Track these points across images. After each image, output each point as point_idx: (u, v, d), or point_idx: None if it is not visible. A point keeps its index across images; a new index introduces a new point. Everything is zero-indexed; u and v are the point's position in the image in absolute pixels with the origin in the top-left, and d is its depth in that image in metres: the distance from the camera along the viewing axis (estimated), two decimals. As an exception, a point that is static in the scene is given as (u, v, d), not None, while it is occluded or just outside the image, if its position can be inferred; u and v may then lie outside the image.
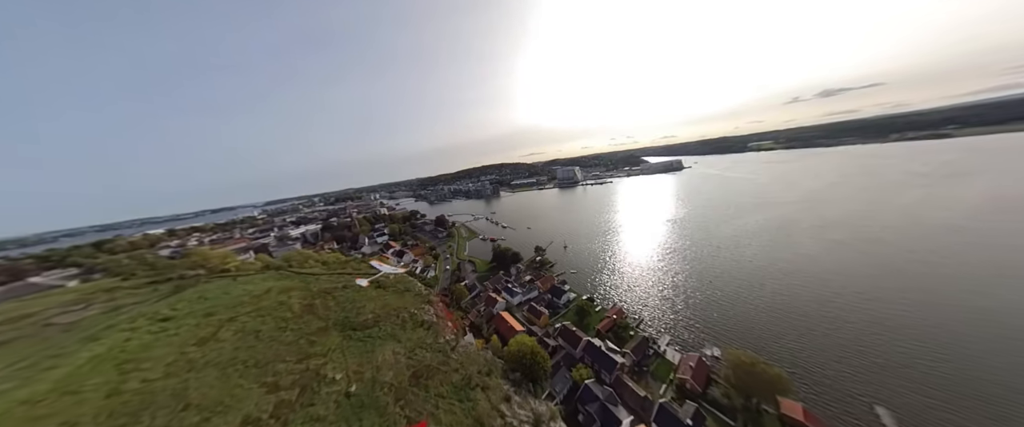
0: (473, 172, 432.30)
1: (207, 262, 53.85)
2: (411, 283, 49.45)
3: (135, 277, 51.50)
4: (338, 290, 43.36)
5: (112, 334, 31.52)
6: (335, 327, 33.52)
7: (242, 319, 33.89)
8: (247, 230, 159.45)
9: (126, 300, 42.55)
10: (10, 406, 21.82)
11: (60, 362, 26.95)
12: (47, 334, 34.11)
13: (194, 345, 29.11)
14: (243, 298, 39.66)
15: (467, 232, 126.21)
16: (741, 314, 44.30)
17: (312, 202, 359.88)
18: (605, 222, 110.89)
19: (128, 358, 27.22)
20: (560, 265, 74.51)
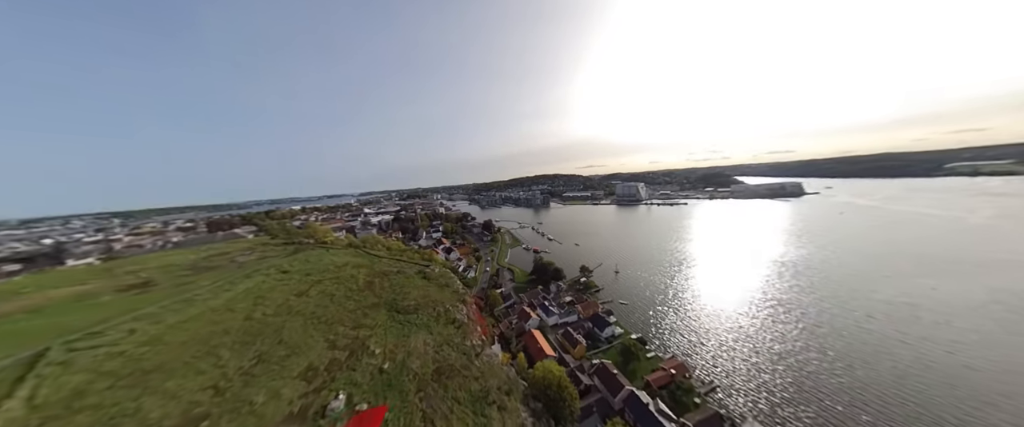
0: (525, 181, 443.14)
1: (315, 234, 71.06)
2: (452, 280, 52.47)
3: (277, 238, 72.25)
4: (393, 274, 49.70)
5: (257, 275, 44.58)
6: (384, 306, 38.08)
7: (325, 283, 42.52)
8: (345, 214, 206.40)
9: (269, 253, 60.16)
10: (202, 312, 33.04)
11: (232, 287, 39.54)
12: (232, 267, 51.24)
13: (294, 295, 37.99)
14: (330, 266, 50.07)
15: (511, 239, 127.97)
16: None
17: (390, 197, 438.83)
18: (672, 251, 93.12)
19: (259, 295, 37.68)
20: (608, 292, 65.81)
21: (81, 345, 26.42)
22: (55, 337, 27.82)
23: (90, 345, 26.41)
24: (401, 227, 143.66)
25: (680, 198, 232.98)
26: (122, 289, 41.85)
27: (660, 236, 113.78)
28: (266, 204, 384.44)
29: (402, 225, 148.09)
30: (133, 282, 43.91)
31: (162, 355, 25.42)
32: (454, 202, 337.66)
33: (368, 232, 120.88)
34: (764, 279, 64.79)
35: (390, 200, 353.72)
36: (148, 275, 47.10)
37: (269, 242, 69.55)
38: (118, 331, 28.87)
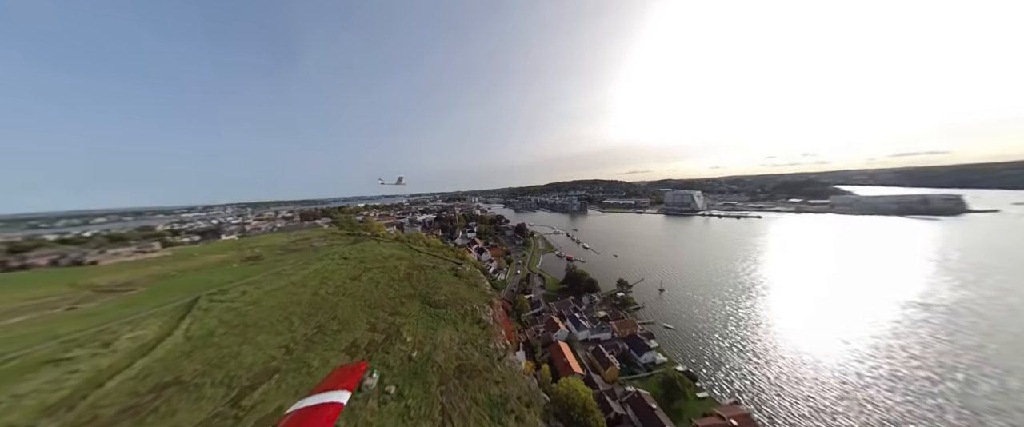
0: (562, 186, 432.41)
1: (371, 228, 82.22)
2: (481, 280, 53.90)
3: (343, 229, 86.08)
4: (429, 268, 53.70)
5: (325, 259, 53.83)
6: (418, 297, 41.27)
7: (374, 271, 48.51)
8: (396, 212, 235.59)
9: (337, 242, 72.13)
10: (285, 284, 41.35)
11: (305, 267, 48.66)
12: (310, 251, 63.24)
13: (349, 279, 44.41)
14: (379, 257, 57.07)
15: (544, 245, 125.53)
16: None
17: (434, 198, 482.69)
18: (736, 272, 77.12)
19: (325, 276, 45.29)
20: (649, 312, 58.37)
21: (216, 298, 35.84)
22: (204, 289, 38.43)
23: (221, 299, 35.60)
24: (441, 226, 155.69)
25: (750, 210, 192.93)
26: (244, 260, 55.73)
27: (720, 254, 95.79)
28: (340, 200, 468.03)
29: (442, 224, 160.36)
30: (250, 255, 58.13)
31: (257, 314, 32.54)
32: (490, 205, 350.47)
33: (413, 229, 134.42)
34: (889, 327, 46.57)
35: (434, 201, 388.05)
36: (259, 251, 61.82)
37: (337, 232, 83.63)
38: (236, 291, 38.24)
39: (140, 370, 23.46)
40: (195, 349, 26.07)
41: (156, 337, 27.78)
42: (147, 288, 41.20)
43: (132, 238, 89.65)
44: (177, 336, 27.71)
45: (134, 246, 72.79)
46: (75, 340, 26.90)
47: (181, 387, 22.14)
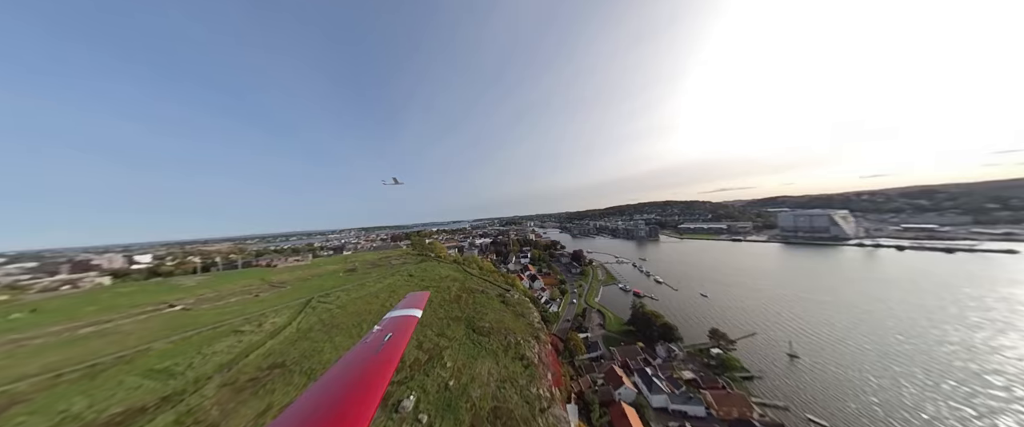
0: (625, 209, 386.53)
1: (436, 250, 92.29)
2: (529, 310, 49.87)
3: (415, 250, 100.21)
4: (478, 292, 54.03)
5: (397, 275, 62.55)
6: (464, 321, 40.99)
7: (430, 289, 52.38)
8: (459, 236, 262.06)
9: (409, 261, 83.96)
10: (365, 294, 49.43)
11: (381, 281, 57.54)
12: (388, 267, 75.64)
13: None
14: (437, 276, 62.03)
15: (605, 275, 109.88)
16: None
17: (493, 223, 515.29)
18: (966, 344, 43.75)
19: (394, 289, 51.88)
20: (771, 386, 38.81)
21: (322, 300, 45.93)
22: (317, 292, 50.25)
23: (324, 301, 45.34)
24: (496, 250, 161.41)
25: (979, 238, 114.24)
26: (346, 271, 71.47)
27: (921, 311, 57.27)
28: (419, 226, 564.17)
29: (497, 248, 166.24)
30: (350, 267, 74.28)
31: (342, 317, 39.15)
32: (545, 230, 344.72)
33: (471, 252, 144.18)
34: None
35: (493, 226, 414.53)
36: (356, 264, 78.49)
37: (411, 253, 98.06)
38: (334, 296, 48.12)
39: (267, 349, 30.91)
40: (299, 340, 32.84)
41: (282, 325, 36.87)
42: (292, 287, 57.36)
43: (298, 251, 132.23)
44: (292, 327, 35.94)
45: (297, 257, 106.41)
46: (248, 319, 38.79)
47: (283, 369, 27.58)
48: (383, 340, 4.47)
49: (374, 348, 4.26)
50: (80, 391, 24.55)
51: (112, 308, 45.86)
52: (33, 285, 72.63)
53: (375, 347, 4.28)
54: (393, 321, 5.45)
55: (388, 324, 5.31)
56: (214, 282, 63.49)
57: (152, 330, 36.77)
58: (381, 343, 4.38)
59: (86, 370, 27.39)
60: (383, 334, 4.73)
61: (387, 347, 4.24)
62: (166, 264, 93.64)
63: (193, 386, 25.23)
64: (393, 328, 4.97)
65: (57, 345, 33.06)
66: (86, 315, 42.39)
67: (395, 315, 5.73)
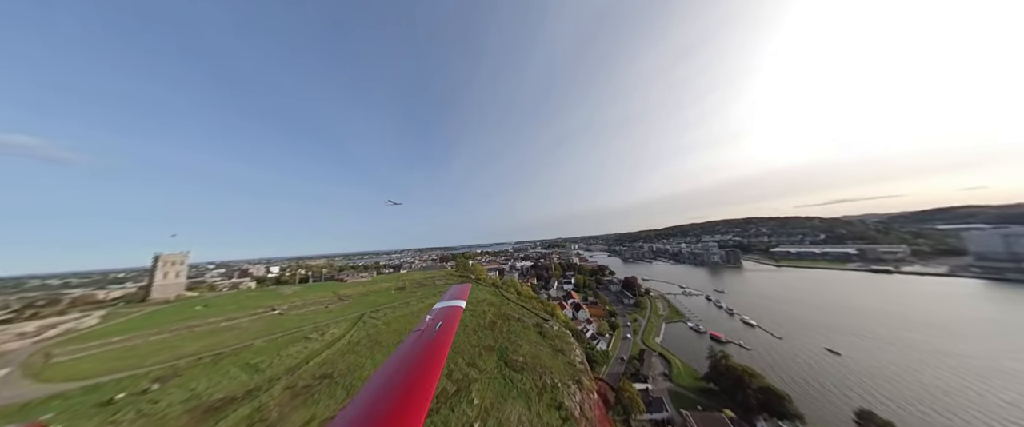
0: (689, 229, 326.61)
1: (475, 272, 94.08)
2: (571, 346, 43.53)
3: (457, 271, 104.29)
4: (514, 319, 50.74)
5: (436, 296, 64.76)
6: (497, 351, 38.07)
7: (466, 313, 51.91)
8: (501, 258, 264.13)
9: (450, 280, 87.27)
10: (407, 313, 52.24)
11: (423, 301, 60.44)
12: (432, 287, 79.98)
13: (446, 316, 49.72)
14: (474, 299, 61.66)
15: (667, 309, 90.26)
16: None
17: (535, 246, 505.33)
18: None
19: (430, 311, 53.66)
20: None
21: (372, 316, 50.54)
22: (370, 308, 55.88)
23: (373, 317, 49.73)
24: (536, 274, 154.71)
25: None
26: (396, 288, 78.66)
27: None
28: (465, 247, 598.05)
29: (537, 272, 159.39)
30: (399, 285, 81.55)
31: (385, 334, 41.61)
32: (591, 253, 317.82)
33: (512, 276, 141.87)
34: None
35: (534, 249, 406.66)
36: (405, 283, 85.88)
37: (453, 274, 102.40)
38: (383, 312, 52.44)
39: (322, 359, 34.56)
40: (347, 353, 35.83)
41: (338, 337, 41.36)
42: (353, 301, 65.81)
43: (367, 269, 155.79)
44: (345, 340, 39.84)
45: (365, 274, 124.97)
46: (316, 327, 45.28)
47: (330, 381, 29.89)
48: (435, 328, 5.02)
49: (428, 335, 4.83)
50: (205, 374, 31.60)
51: (243, 308, 60.80)
52: (221, 284, 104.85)
53: (429, 334, 4.84)
54: (441, 311, 6.04)
55: (437, 314, 5.93)
56: (303, 292, 78.70)
57: (257, 329, 46.43)
58: (433, 331, 4.94)
59: (213, 357, 35.55)
60: (434, 323, 5.37)
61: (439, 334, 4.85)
62: (284, 275, 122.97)
63: (267, 384, 29.45)
64: (442, 317, 5.59)
65: (206, 333, 44.78)
66: (228, 311, 57.20)
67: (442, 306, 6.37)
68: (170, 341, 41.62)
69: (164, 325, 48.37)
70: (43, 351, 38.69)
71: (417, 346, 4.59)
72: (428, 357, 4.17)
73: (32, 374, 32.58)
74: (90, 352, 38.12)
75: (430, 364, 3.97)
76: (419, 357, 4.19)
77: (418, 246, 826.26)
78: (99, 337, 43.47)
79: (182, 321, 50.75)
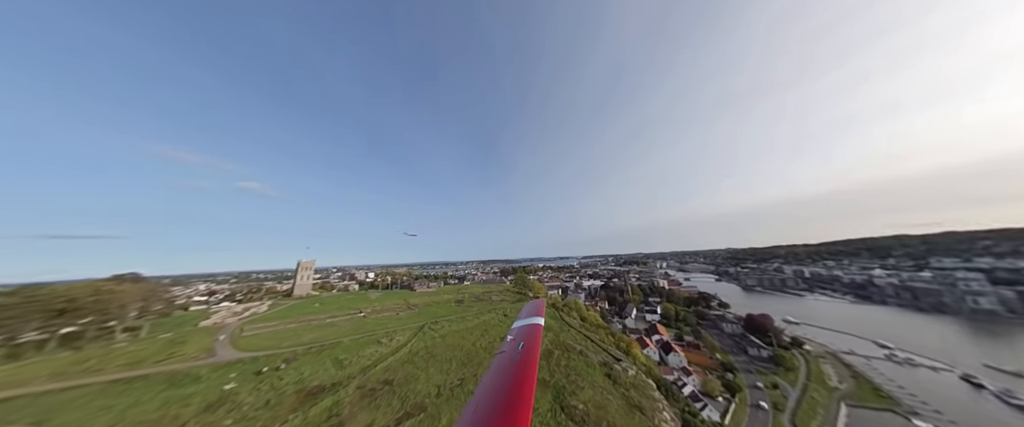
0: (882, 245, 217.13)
1: (533, 289, 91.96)
2: (656, 403, 34.88)
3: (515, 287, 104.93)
4: (575, 352, 45.47)
5: (492, 313, 66.44)
6: (552, 389, 34.38)
7: (518, 336, 50.35)
8: (565, 275, 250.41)
9: (507, 298, 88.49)
10: (462, 328, 55.21)
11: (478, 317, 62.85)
12: (488, 302, 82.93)
13: (499, 339, 49.36)
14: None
15: (849, 379, 60.31)
16: None
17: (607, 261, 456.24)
18: None
19: (486, 329, 54.70)
20: None
21: (432, 328, 56.05)
22: (431, 319, 62.41)
23: (432, 329, 55.01)
24: (608, 297, 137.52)
25: None
26: (456, 301, 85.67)
27: None
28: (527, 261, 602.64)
29: (609, 294, 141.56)
30: (458, 298, 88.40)
31: (439, 349, 44.88)
32: (687, 274, 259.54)
33: (577, 296, 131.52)
34: None
35: (606, 265, 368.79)
36: (463, 296, 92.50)
37: (511, 289, 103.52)
38: (440, 325, 57.40)
39: (387, 365, 40.04)
40: (406, 362, 40.32)
41: (401, 344, 47.47)
42: (419, 310, 75.56)
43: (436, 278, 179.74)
44: (406, 349, 45.26)
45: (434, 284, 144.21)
46: (387, 332, 53.78)
47: (390, 388, 33.98)
48: (517, 349, 5.17)
49: (512, 357, 5.00)
50: (310, 362, 42.01)
51: (342, 308, 79.83)
52: (336, 286, 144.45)
53: (512, 356, 5.03)
54: (521, 331, 6.17)
55: (517, 333, 6.10)
56: (383, 298, 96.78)
57: (347, 328, 59.31)
58: (516, 352, 5.09)
59: (317, 349, 47.18)
60: (516, 343, 5.49)
61: (523, 354, 4.98)
62: (376, 280, 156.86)
63: (346, 381, 36.20)
64: (523, 337, 5.72)
65: (317, 327, 60.60)
66: (332, 310, 76.28)
67: (521, 324, 6.56)
68: (296, 330, 58.40)
69: (296, 317, 68.68)
70: (240, 326, 61.56)
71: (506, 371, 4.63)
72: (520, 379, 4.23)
73: (232, 342, 51.95)
74: (258, 332, 57.86)
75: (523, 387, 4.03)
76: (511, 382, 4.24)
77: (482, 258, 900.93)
78: (265, 321, 65.79)
79: (306, 315, 70.84)
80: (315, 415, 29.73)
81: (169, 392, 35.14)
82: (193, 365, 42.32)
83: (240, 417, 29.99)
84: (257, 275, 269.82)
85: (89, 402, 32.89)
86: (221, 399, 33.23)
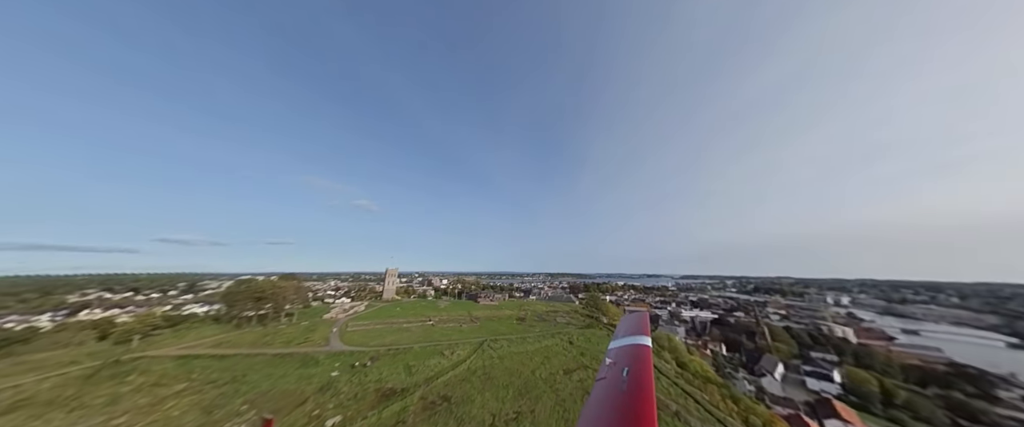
0: None
1: (609, 315, 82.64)
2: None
3: (584, 309, 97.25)
4: (668, 413, 37.41)
5: (556, 338, 63.36)
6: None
7: (588, 375, 45.57)
8: (656, 298, 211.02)
9: (575, 321, 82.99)
10: (522, 351, 54.83)
11: (539, 341, 61.13)
12: (552, 323, 79.97)
13: (562, 372, 46.24)
14: (597, 352, 53.39)
15: None
16: None
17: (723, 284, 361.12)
18: None
19: (547, 356, 52.43)
20: None
21: (491, 345, 58.31)
22: (491, 336, 65.12)
23: (491, 347, 57.12)
24: (725, 338, 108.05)
25: None
26: (517, 318, 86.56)
27: None
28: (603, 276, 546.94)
29: (727, 335, 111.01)
30: (521, 315, 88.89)
31: (497, 371, 45.84)
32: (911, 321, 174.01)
33: (671, 330, 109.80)
34: None
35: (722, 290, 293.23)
36: (526, 313, 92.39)
37: (579, 311, 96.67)
38: (499, 343, 58.93)
39: (447, 378, 43.82)
40: (464, 381, 43.01)
41: (461, 360, 51.14)
42: (480, 324, 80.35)
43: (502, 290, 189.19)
44: (465, 365, 48.42)
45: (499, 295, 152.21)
46: (450, 344, 59.37)
47: (448, 405, 36.87)
48: (622, 376, 4.49)
49: (618, 385, 4.32)
50: (387, 364, 50.78)
51: (417, 314, 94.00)
52: (417, 290, 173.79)
53: (618, 384, 4.34)
54: (621, 352, 5.36)
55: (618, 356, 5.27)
56: (451, 307, 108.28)
57: (418, 335, 68.94)
58: (622, 379, 4.41)
59: (394, 352, 56.66)
60: (618, 368, 4.73)
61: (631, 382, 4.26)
62: (448, 288, 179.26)
63: (413, 388, 41.66)
64: (626, 360, 4.92)
65: (396, 330, 73.18)
66: (409, 315, 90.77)
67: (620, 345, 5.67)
68: (381, 331, 72.15)
69: (382, 319, 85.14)
70: (346, 322, 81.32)
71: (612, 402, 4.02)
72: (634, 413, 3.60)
73: (340, 335, 68.98)
74: (356, 329, 74.75)
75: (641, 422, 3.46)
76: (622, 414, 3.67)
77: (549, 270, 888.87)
78: (362, 319, 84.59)
79: (389, 318, 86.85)
80: (387, 416, 35.19)
81: (301, 370, 49.39)
82: (316, 350, 58.44)
83: (338, 403, 38.83)
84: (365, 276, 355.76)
85: (262, 368, 50.00)
86: (329, 384, 44.13)
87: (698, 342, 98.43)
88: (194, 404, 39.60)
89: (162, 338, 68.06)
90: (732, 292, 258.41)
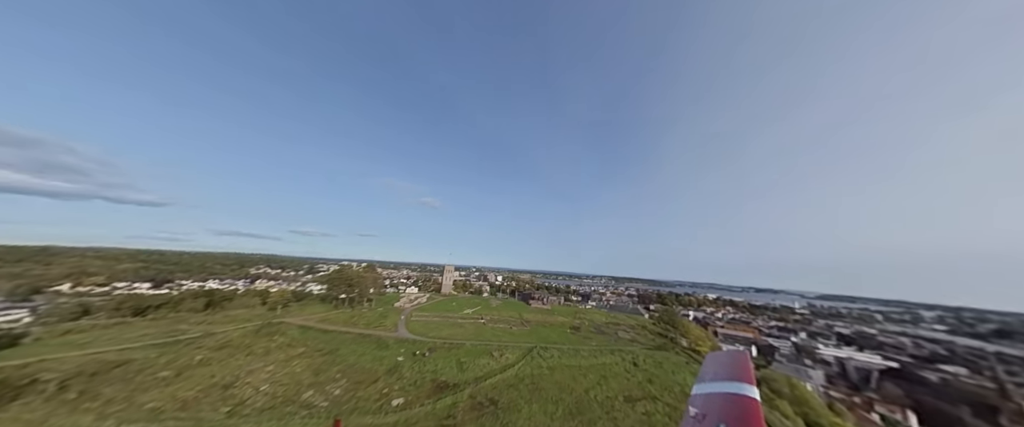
0: None
1: (690, 336, 73.23)
2: None
3: (655, 327, 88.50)
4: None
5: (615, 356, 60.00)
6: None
7: (659, 407, 42.12)
8: (768, 322, 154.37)
9: (639, 338, 76.64)
10: (574, 365, 54.04)
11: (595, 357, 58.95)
12: (611, 338, 75.72)
13: (624, 398, 43.74)
14: (674, 387, 48.31)
15: None
16: None
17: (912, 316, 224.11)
18: None
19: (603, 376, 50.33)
20: None
21: (541, 353, 59.31)
22: (541, 342, 66.09)
23: (541, 354, 58.08)
24: (915, 402, 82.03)
25: None
26: (571, 326, 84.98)
27: None
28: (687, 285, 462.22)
29: (919, 397, 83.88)
30: (575, 324, 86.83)
31: (546, 382, 46.58)
32: None
33: (796, 372, 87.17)
34: None
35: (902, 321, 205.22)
36: (581, 322, 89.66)
37: (649, 327, 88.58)
38: (549, 352, 59.37)
39: (495, 381, 46.84)
40: (511, 387, 45.24)
41: (510, 364, 53.61)
42: (531, 329, 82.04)
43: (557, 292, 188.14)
44: (514, 371, 50.68)
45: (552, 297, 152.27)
46: (500, 346, 62.85)
47: (495, 409, 39.63)
48: None
49: None
50: (442, 357, 57.12)
51: (469, 310, 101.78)
52: (473, 285, 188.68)
53: None
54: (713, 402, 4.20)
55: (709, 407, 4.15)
56: (503, 307, 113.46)
57: (470, 332, 74.90)
58: None
59: (448, 346, 63.25)
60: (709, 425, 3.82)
61: None
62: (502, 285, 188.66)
63: (463, 385, 46.08)
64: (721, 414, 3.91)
65: (450, 325, 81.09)
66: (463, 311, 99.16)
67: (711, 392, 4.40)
68: (438, 324, 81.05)
69: (440, 312, 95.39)
70: (411, 311, 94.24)
71: None
72: None
73: (406, 323, 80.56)
74: (418, 319, 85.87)
75: None
76: None
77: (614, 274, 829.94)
78: (423, 310, 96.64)
79: (445, 311, 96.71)
80: (440, 408, 40.00)
81: (375, 352, 59.99)
82: (387, 335, 69.85)
83: (400, 387, 46.00)
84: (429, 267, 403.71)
85: (350, 345, 62.71)
86: (395, 368, 52.50)
87: (852, 397, 66.97)
88: (308, 366, 52.73)
89: (291, 309, 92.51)
90: (938, 330, 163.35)
